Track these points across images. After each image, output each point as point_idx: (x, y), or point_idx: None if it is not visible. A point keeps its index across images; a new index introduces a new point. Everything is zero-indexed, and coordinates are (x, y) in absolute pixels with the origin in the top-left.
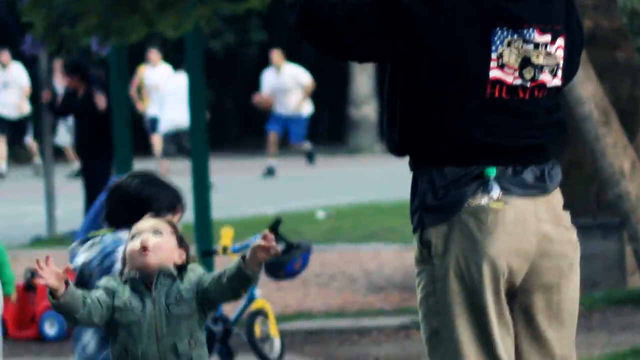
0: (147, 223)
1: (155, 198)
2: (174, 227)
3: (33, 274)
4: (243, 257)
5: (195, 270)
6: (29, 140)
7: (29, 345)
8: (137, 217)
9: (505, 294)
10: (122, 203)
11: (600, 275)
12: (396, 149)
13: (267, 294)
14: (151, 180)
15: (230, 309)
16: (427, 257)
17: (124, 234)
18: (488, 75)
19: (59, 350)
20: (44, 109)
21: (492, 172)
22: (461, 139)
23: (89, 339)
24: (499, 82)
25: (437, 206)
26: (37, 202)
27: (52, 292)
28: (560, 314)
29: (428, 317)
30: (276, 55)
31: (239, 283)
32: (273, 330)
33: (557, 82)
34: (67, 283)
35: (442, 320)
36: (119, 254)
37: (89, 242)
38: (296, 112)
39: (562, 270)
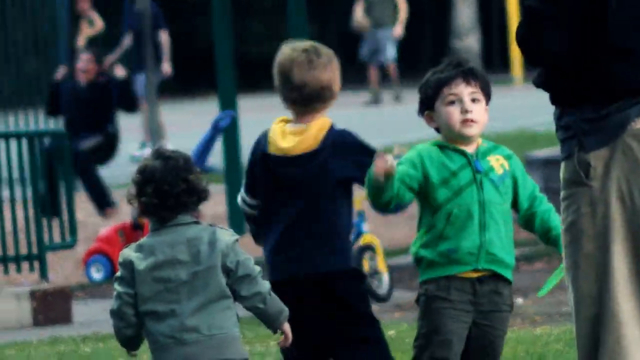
0: None
1: None
2: None
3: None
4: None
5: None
6: None
7: None
8: None
9: None
10: None
11: None
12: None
13: (375, 229)
14: None
15: None
16: (581, 180)
17: None
18: None
19: None
20: None
21: None
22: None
23: None
24: None
25: (598, 129)
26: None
27: None
28: None
29: (580, 240)
30: None
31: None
32: (381, 265)
33: None
34: None
35: (598, 243)
36: None
37: None
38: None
39: None
